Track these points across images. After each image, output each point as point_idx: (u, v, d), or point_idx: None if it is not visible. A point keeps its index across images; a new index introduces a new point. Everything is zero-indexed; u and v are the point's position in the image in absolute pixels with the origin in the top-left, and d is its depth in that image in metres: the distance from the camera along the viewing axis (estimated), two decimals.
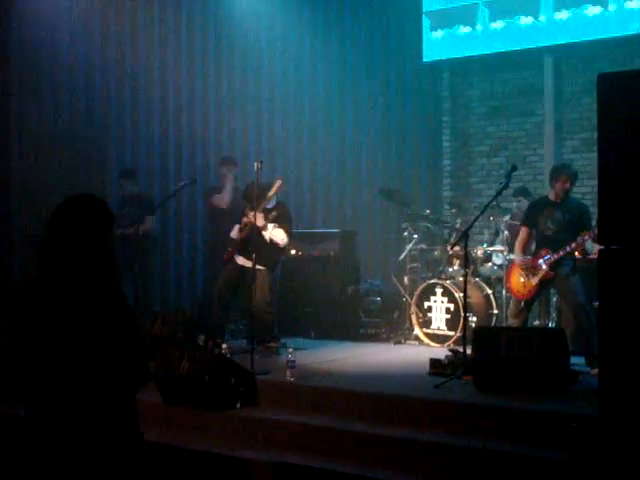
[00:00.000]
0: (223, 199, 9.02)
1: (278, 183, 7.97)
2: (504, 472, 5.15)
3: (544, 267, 7.15)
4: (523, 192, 9.05)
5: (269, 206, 8.05)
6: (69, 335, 3.00)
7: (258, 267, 7.66)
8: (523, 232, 7.48)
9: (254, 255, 7.34)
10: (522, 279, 7.33)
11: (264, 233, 7.89)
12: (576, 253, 7.22)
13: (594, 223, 7.16)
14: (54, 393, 3.02)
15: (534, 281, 7.25)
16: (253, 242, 7.57)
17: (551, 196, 7.36)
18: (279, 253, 8.24)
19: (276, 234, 7.94)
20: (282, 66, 11.05)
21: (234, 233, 8.18)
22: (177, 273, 10.26)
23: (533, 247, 7.50)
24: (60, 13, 9.27)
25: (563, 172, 7.35)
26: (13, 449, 3.25)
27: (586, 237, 6.97)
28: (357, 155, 11.40)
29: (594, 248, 7.17)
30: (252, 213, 7.83)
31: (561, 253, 7.06)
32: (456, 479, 5.17)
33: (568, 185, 7.28)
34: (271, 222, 7.92)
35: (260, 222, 7.86)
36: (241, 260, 8.06)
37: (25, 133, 9.10)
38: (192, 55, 10.41)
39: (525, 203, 8.58)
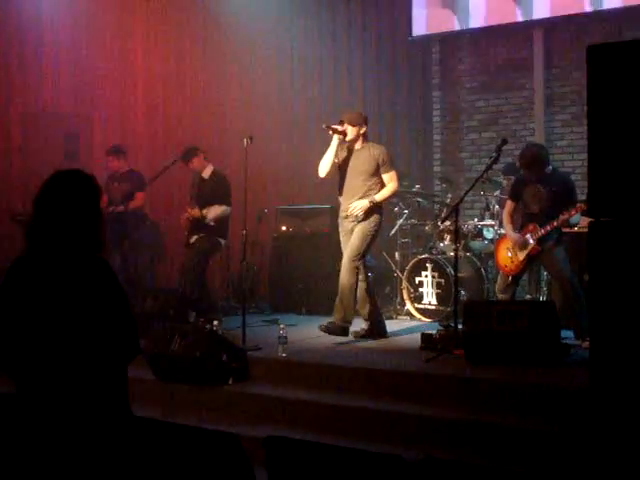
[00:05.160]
0: None
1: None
2: (496, 444, 5.18)
3: (531, 242, 7.14)
4: (513, 171, 8.99)
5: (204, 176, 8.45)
6: (58, 310, 3.00)
7: (200, 235, 8.27)
8: (508, 205, 7.45)
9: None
10: (509, 254, 7.33)
11: (206, 221, 8.25)
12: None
13: (581, 197, 7.16)
14: (44, 368, 3.02)
15: (521, 256, 7.24)
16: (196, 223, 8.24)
17: (525, 174, 7.30)
18: (223, 221, 8.41)
19: (214, 213, 8.25)
20: (273, 42, 10.98)
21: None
22: (167, 250, 10.24)
23: (519, 221, 7.48)
24: None
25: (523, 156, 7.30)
26: (4, 425, 3.25)
27: (573, 212, 6.94)
28: None
29: (582, 220, 7.16)
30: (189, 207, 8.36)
31: (548, 228, 7.04)
32: (448, 452, 5.19)
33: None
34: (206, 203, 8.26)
35: (197, 213, 8.24)
36: (193, 239, 8.38)
37: (10, 109, 9.06)
38: (179, 31, 10.34)
39: (512, 180, 8.58)
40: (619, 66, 3.82)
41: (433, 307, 8.57)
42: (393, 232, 9.33)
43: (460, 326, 6.63)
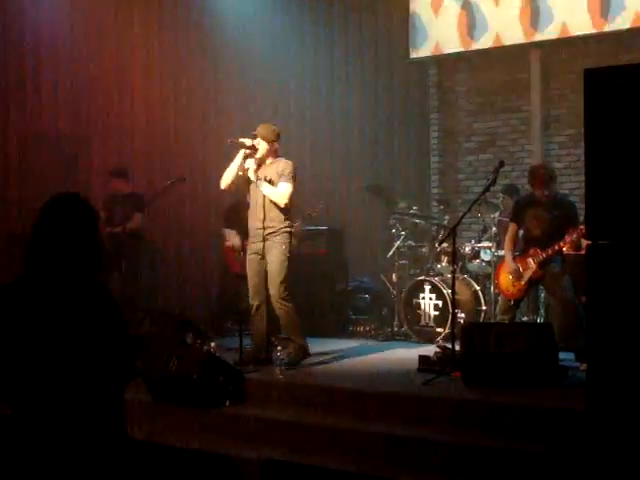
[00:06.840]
0: None
1: None
2: (493, 467, 5.16)
3: (533, 266, 7.14)
4: (508, 191, 9.02)
5: None
6: (55, 333, 2.99)
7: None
8: (512, 229, 7.47)
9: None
10: (511, 277, 7.33)
11: None
12: (565, 248, 7.19)
13: (582, 219, 7.16)
14: (40, 391, 3.01)
15: (523, 280, 7.24)
16: None
17: (537, 194, 7.30)
18: None
19: None
20: (270, 62, 11.02)
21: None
22: (165, 271, 10.23)
23: (521, 243, 7.49)
24: (43, 11, 9.23)
25: (537, 174, 7.29)
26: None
27: (574, 236, 6.92)
28: (345, 152, 11.40)
29: (583, 243, 7.15)
30: None
31: (549, 252, 7.04)
32: (446, 475, 5.17)
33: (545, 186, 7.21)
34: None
35: None
36: None
37: (8, 132, 9.05)
38: (177, 51, 10.37)
39: (509, 201, 8.61)
40: (616, 89, 3.84)
41: (430, 329, 8.56)
42: (391, 254, 9.33)
43: (457, 348, 6.62)
